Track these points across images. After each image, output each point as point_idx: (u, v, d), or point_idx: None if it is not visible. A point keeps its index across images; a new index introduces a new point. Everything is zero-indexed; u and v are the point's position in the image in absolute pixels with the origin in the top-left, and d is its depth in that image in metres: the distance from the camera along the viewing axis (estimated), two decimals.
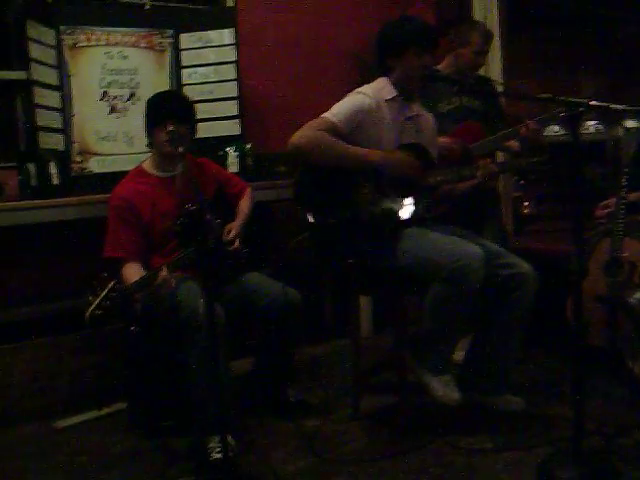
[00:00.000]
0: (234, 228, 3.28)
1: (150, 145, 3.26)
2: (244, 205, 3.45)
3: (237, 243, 3.25)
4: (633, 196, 3.49)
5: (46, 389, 3.53)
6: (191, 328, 2.84)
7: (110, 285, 2.71)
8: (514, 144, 3.96)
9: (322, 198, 3.12)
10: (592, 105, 2.46)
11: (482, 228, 3.86)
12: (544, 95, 2.64)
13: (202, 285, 2.82)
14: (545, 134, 4.47)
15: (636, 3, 5.63)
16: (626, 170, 3.43)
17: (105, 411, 3.53)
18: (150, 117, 3.22)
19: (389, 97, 3.16)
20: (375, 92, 3.15)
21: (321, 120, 3.04)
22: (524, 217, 5.60)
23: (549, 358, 3.86)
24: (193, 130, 3.30)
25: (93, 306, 2.67)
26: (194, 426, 2.97)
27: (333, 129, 3.02)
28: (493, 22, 4.92)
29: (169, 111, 3.15)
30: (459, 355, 3.37)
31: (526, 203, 5.68)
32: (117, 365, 3.53)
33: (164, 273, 2.86)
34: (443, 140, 3.59)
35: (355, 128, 3.06)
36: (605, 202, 3.58)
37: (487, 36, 3.94)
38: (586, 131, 5.62)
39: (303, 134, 3.02)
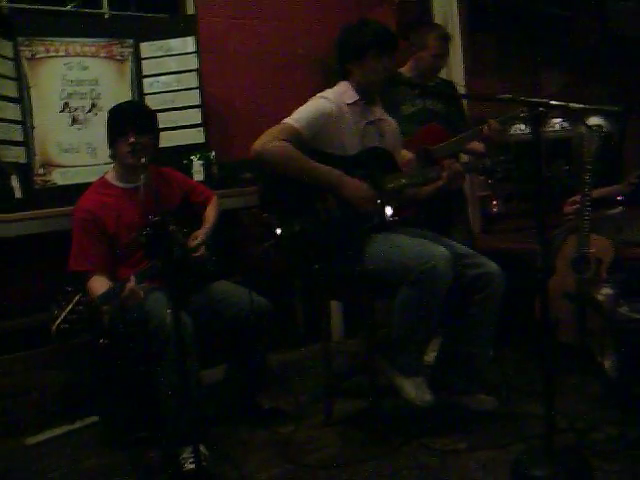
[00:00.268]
0: (199, 235, 3.25)
1: (113, 157, 3.23)
2: (210, 213, 3.45)
3: (202, 250, 3.23)
4: (596, 192, 3.54)
5: (15, 405, 3.48)
6: (159, 339, 2.82)
7: (76, 298, 2.67)
8: (478, 146, 3.99)
9: (288, 204, 3.10)
10: (552, 104, 2.48)
11: (450, 230, 3.88)
12: (505, 96, 2.66)
13: (169, 295, 2.80)
14: (512, 132, 4.52)
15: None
16: (589, 167, 3.48)
17: (76, 425, 3.49)
18: (112, 129, 3.19)
19: (350, 101, 3.15)
20: (336, 96, 3.15)
21: (283, 127, 3.01)
22: (493, 216, 5.63)
23: (519, 356, 3.88)
24: (156, 140, 3.27)
25: (59, 320, 2.63)
26: (166, 437, 2.95)
27: (296, 136, 2.99)
28: (454, 24, 4.95)
29: (130, 122, 3.12)
30: (430, 356, 3.38)
31: (495, 202, 5.70)
32: (87, 378, 3.49)
33: (132, 284, 2.83)
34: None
35: (318, 133, 3.04)
36: (573, 198, 3.63)
37: (444, 39, 3.94)
38: (552, 128, 5.68)
39: (266, 142, 2.97)
